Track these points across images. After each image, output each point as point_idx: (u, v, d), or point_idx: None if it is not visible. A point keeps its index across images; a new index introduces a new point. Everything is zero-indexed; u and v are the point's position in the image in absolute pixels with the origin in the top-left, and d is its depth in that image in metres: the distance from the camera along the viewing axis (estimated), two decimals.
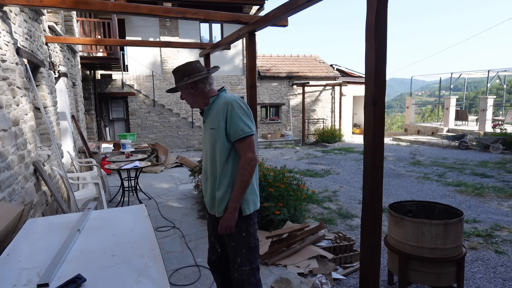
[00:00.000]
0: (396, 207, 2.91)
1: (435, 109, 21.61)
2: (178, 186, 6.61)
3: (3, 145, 2.78)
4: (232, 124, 1.82)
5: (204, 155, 2.05)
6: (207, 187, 2.00)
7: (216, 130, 1.86)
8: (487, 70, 16.13)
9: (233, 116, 1.82)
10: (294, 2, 2.83)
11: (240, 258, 1.95)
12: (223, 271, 2.20)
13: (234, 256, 1.98)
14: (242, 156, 1.82)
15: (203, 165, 2.06)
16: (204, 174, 2.05)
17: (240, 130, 1.80)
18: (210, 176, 1.97)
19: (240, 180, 1.81)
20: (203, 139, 2.06)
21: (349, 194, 6.08)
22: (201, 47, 6.03)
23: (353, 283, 2.98)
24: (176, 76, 2.00)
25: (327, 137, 13.58)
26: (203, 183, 2.07)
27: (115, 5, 3.30)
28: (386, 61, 1.94)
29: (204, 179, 2.04)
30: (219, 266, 2.20)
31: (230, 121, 1.82)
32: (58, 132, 5.32)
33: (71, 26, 7.60)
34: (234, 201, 1.85)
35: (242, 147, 1.82)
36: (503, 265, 3.31)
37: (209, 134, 1.93)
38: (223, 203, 1.89)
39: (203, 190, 2.08)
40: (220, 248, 2.14)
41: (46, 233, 1.81)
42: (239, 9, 13.23)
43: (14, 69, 3.28)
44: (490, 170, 7.86)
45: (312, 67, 15.99)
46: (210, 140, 1.93)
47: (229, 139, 1.85)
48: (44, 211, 3.66)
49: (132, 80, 12.76)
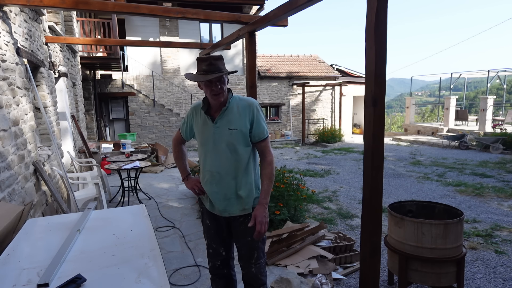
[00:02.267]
0: (396, 207, 2.91)
1: (435, 109, 21.61)
2: (178, 186, 6.61)
3: (3, 145, 2.78)
4: (257, 125, 1.95)
5: (212, 155, 1.95)
6: (221, 189, 1.95)
7: (239, 131, 1.91)
8: (487, 70, 16.13)
9: (259, 118, 1.95)
10: (294, 2, 2.83)
11: (257, 251, 2.02)
12: (227, 274, 2.19)
13: (251, 251, 2.02)
14: (267, 154, 1.97)
15: (210, 166, 1.97)
16: (212, 176, 1.96)
17: (265, 131, 1.96)
18: (225, 177, 1.93)
19: (271, 176, 1.94)
20: (211, 139, 1.94)
21: (349, 194, 6.08)
22: (201, 47, 6.04)
23: (353, 283, 2.98)
24: (220, 63, 1.85)
25: (327, 137, 13.58)
26: (212, 185, 1.98)
27: (115, 5, 3.30)
28: (386, 61, 1.94)
29: (216, 181, 1.96)
30: (224, 270, 2.17)
31: (257, 123, 1.94)
32: (58, 132, 5.32)
33: (71, 26, 7.60)
34: (267, 196, 1.93)
35: (265, 146, 1.98)
36: (503, 265, 3.31)
37: (228, 135, 1.90)
38: (250, 200, 1.98)
39: (211, 191, 1.99)
40: (225, 251, 2.13)
41: (46, 233, 1.81)
42: (239, 9, 13.23)
43: (14, 69, 3.28)
44: (490, 170, 7.86)
45: (312, 67, 15.98)
46: (227, 140, 1.90)
47: (250, 140, 1.95)
48: (44, 211, 3.66)
49: (132, 80, 12.76)
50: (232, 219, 2.02)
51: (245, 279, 2.09)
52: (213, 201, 2.01)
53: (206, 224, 2.13)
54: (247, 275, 2.06)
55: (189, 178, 2.13)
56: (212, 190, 1.99)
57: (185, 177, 2.14)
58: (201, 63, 1.85)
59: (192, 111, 2.07)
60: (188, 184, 2.12)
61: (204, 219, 2.15)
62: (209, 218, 2.09)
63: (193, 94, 13.42)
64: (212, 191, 1.99)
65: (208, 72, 1.82)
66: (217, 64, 1.84)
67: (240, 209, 1.98)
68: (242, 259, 2.07)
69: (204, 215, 2.16)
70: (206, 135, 1.96)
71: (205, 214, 2.13)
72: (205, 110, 1.95)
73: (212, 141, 1.94)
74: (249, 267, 2.04)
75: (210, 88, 1.85)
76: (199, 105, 2.03)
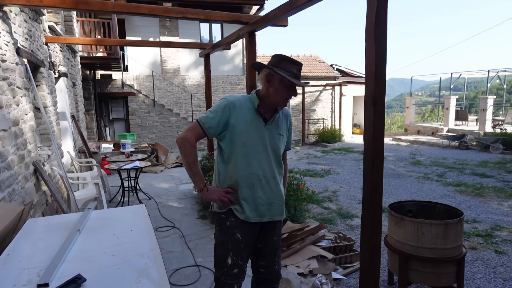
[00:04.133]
0: (396, 207, 2.91)
1: (435, 109, 21.61)
2: (178, 186, 6.61)
3: (3, 145, 2.78)
4: (290, 135, 2.03)
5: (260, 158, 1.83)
6: (266, 193, 1.86)
7: (283, 137, 1.96)
8: (487, 70, 16.12)
9: (291, 129, 2.05)
10: (294, 2, 2.83)
11: (279, 249, 2.04)
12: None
13: (275, 250, 2.00)
14: (286, 163, 2.07)
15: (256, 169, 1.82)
16: (259, 179, 1.84)
17: (292, 142, 2.06)
18: (272, 181, 1.87)
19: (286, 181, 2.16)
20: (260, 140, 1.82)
21: (349, 194, 6.08)
22: (201, 47, 6.04)
23: (353, 283, 2.98)
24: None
25: (327, 137, 13.58)
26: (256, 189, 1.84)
27: (115, 5, 3.30)
28: (386, 61, 1.94)
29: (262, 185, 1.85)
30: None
31: (290, 133, 2.03)
32: (58, 132, 5.32)
33: (71, 26, 7.60)
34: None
35: (286, 156, 2.09)
36: (503, 265, 3.31)
37: (277, 139, 1.89)
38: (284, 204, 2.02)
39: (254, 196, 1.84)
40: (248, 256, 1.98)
41: (46, 233, 1.81)
42: (239, 9, 13.22)
43: (14, 69, 3.28)
44: (490, 170, 7.86)
45: (312, 67, 15.98)
46: (276, 144, 1.88)
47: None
48: (44, 211, 3.66)
49: (132, 80, 12.76)
50: (268, 224, 1.95)
51: (266, 277, 2.02)
52: (255, 206, 1.84)
53: (236, 239, 1.83)
54: (269, 273, 2.00)
55: (209, 188, 1.84)
56: (257, 195, 1.84)
57: (204, 186, 1.83)
58: (291, 65, 1.77)
59: (231, 105, 1.79)
60: (212, 194, 1.82)
61: (233, 233, 1.83)
62: (241, 231, 1.85)
63: (193, 94, 13.42)
64: (256, 196, 1.84)
65: (298, 77, 1.78)
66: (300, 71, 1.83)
67: (280, 213, 1.96)
68: (264, 258, 1.98)
69: (233, 228, 1.84)
70: (254, 135, 1.81)
71: (235, 227, 1.84)
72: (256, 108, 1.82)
73: (262, 143, 1.82)
74: (273, 265, 2.00)
75: (290, 92, 1.80)
76: (241, 100, 1.83)
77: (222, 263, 1.85)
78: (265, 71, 1.83)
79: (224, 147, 1.84)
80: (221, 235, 1.87)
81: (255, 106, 1.82)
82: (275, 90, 1.79)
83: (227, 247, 1.84)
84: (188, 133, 1.78)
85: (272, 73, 1.79)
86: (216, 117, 1.77)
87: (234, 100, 1.81)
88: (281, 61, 1.78)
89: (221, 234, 1.87)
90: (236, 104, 1.80)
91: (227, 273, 1.83)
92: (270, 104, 1.83)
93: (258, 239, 1.96)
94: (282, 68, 1.76)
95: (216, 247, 1.90)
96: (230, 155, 1.83)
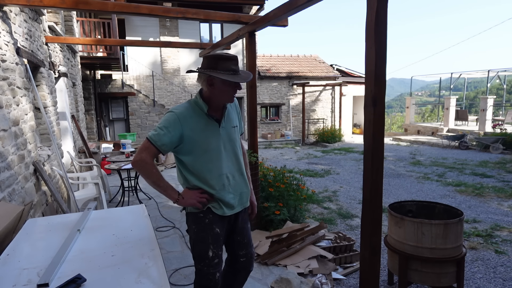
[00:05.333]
0: (396, 207, 2.91)
1: (435, 109, 21.61)
2: (178, 186, 6.60)
3: (3, 145, 2.78)
4: (241, 120, 2.09)
5: (224, 158, 1.87)
6: (236, 186, 1.93)
7: (237, 127, 2.01)
8: (487, 70, 16.13)
9: (241, 116, 2.11)
10: (294, 2, 2.83)
11: (250, 236, 2.11)
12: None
13: (249, 237, 2.08)
14: (242, 145, 2.09)
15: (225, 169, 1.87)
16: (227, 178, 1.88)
17: (243, 126, 2.11)
18: (236, 174, 1.94)
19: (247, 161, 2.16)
20: (220, 142, 1.86)
21: (349, 194, 6.08)
22: (201, 47, 6.04)
23: (353, 283, 2.98)
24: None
25: (327, 137, 13.58)
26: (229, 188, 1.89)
27: (115, 5, 3.30)
28: (386, 61, 1.94)
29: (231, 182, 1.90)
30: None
31: (240, 119, 2.09)
32: (58, 132, 5.31)
33: (71, 26, 7.60)
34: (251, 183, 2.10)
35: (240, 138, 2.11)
36: (503, 265, 3.31)
37: (232, 133, 1.94)
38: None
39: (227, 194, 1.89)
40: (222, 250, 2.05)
41: (46, 233, 1.81)
42: (239, 9, 13.23)
43: (14, 69, 3.28)
44: (490, 170, 7.86)
45: (312, 67, 15.98)
46: (233, 138, 1.94)
47: None
48: (44, 211, 3.66)
49: (132, 80, 12.76)
50: (240, 213, 2.02)
51: (246, 264, 2.07)
52: (228, 201, 1.89)
53: (215, 233, 1.89)
54: (248, 260, 2.08)
55: (184, 195, 1.84)
56: (229, 192, 1.89)
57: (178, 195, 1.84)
58: (228, 62, 1.74)
59: (181, 117, 1.77)
60: (189, 200, 1.83)
61: (212, 228, 1.88)
62: (220, 226, 1.91)
63: (193, 94, 13.42)
64: (228, 192, 1.89)
65: (237, 72, 1.76)
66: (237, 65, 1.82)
67: (247, 199, 2.04)
68: (244, 247, 2.05)
69: (211, 224, 1.89)
70: (212, 139, 1.83)
71: (213, 223, 1.90)
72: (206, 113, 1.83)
73: (222, 143, 1.86)
74: (250, 251, 2.08)
75: (235, 89, 1.82)
76: (189, 108, 1.83)
77: (202, 257, 1.88)
78: (204, 75, 1.79)
79: (184, 160, 1.86)
80: (200, 232, 1.89)
81: (205, 111, 1.82)
82: (220, 91, 1.80)
83: (207, 241, 1.88)
84: (143, 154, 1.77)
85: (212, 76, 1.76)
86: (167, 133, 1.75)
87: (182, 111, 1.79)
88: (217, 62, 1.74)
89: (200, 231, 1.89)
90: (186, 115, 1.79)
91: (209, 264, 1.87)
92: (218, 104, 1.87)
93: (235, 232, 2.04)
94: (220, 69, 1.73)
95: (195, 244, 1.91)
96: (193, 165, 1.85)
